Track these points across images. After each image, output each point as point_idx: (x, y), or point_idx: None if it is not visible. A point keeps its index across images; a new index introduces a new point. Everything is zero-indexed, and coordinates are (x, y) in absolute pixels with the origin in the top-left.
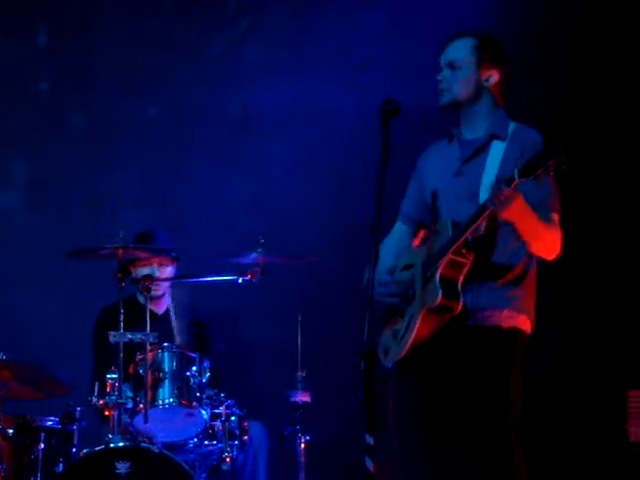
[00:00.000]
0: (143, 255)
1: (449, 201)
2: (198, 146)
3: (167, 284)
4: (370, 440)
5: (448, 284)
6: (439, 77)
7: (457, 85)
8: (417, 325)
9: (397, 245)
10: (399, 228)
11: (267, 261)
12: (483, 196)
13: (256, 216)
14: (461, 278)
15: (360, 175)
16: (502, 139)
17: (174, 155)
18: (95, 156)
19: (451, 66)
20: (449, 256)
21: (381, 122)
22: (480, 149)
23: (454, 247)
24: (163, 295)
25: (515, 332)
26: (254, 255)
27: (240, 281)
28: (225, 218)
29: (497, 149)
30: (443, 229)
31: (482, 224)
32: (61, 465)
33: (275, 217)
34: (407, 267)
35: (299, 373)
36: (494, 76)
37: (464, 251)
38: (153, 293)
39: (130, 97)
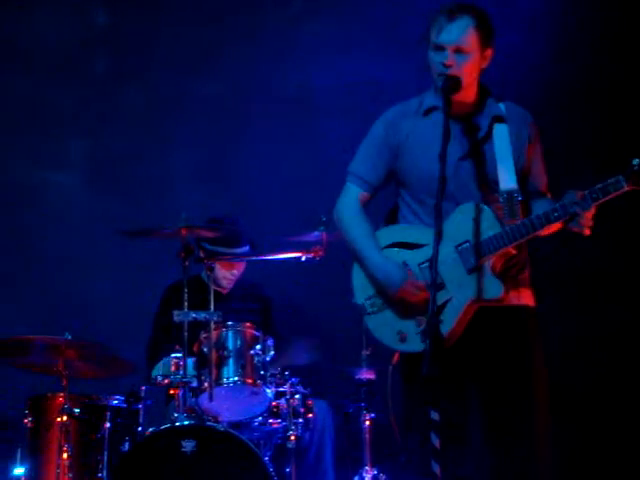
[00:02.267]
0: (209, 235)
1: (459, 184)
2: (257, 124)
3: (235, 277)
4: (435, 416)
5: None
6: (447, 61)
7: (465, 69)
8: (461, 313)
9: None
10: (356, 193)
11: (330, 239)
12: (503, 183)
13: (317, 194)
14: (501, 266)
15: None
16: (503, 121)
17: (233, 133)
18: (154, 134)
19: (457, 51)
20: (508, 249)
21: (442, 98)
22: (486, 131)
23: (517, 242)
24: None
25: (534, 308)
26: (317, 233)
27: (303, 259)
28: (286, 196)
29: (501, 131)
30: (467, 213)
31: None
32: (127, 444)
33: (336, 195)
34: (403, 245)
35: (364, 351)
36: (490, 56)
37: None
38: (225, 284)
39: (188, 75)
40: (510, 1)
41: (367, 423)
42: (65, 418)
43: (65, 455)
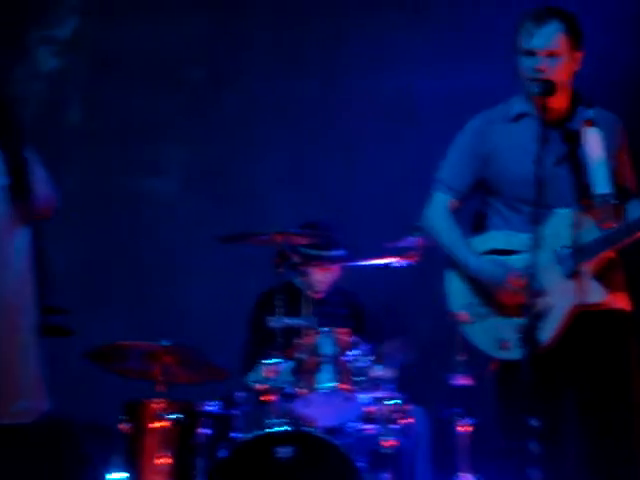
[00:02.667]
0: (303, 241)
1: (554, 190)
2: (354, 131)
3: (329, 281)
4: (534, 422)
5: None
6: (540, 66)
7: (557, 72)
8: (563, 319)
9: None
10: (445, 201)
11: (426, 244)
12: (597, 187)
13: (412, 199)
14: (598, 270)
15: None
16: (594, 125)
17: (330, 139)
18: (250, 141)
19: (550, 55)
20: (606, 253)
21: (537, 103)
22: (577, 136)
23: (616, 246)
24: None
25: (630, 312)
26: (412, 238)
27: (398, 265)
28: (381, 202)
29: (593, 136)
30: (563, 218)
31: None
32: (223, 450)
33: None
34: (499, 252)
35: (459, 357)
36: (580, 58)
37: None
38: (320, 288)
39: (285, 82)
40: (598, 2)
41: (463, 429)
42: (162, 424)
43: (161, 461)
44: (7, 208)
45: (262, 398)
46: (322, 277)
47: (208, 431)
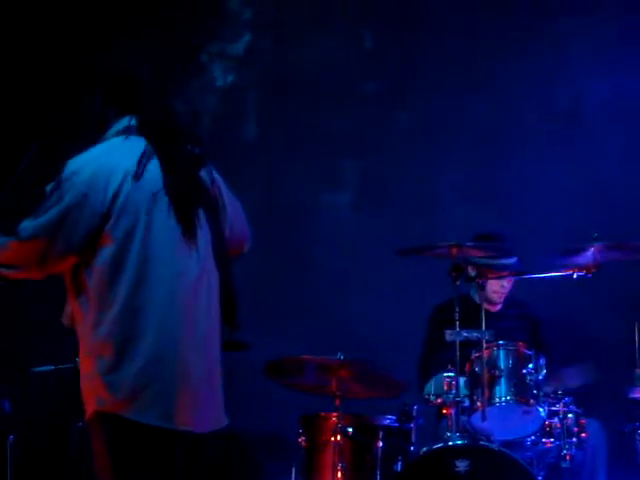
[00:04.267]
0: (478, 254)
1: None
2: (528, 141)
3: (505, 292)
4: None
5: None
6: None
7: None
8: None
9: None
10: None
11: (602, 257)
12: None
13: (589, 210)
14: None
15: None
16: None
17: (504, 151)
18: (424, 154)
19: None
20: None
21: None
22: None
23: None
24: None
25: None
26: (589, 251)
27: (575, 277)
28: (557, 213)
29: None
30: None
31: None
32: (400, 463)
33: (608, 211)
34: None
35: (637, 370)
36: None
37: None
38: (496, 299)
39: (455, 95)
40: None
41: None
42: (339, 437)
43: (339, 474)
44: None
45: (439, 411)
46: (498, 287)
47: (384, 445)
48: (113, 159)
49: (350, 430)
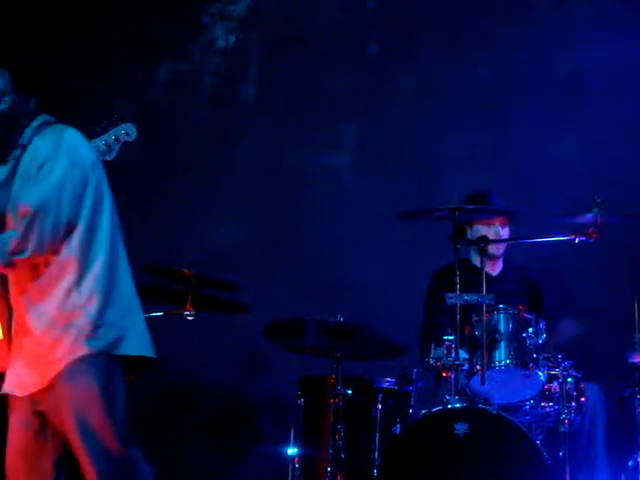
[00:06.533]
0: (480, 216)
1: None
2: (526, 106)
3: (502, 252)
4: None
5: None
6: None
7: None
8: None
9: None
10: None
11: (604, 220)
12: None
13: (591, 175)
14: None
15: None
16: None
17: (503, 116)
18: (423, 118)
19: None
20: None
21: None
22: None
23: None
24: (500, 256)
25: None
26: (591, 215)
27: (577, 241)
28: (558, 178)
29: None
30: None
31: None
32: (398, 426)
33: (608, 175)
34: None
35: (637, 334)
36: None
37: None
38: (494, 252)
39: (457, 59)
40: None
41: None
42: (338, 400)
43: (338, 436)
44: None
45: (438, 375)
46: (491, 232)
47: (384, 407)
48: None
49: (349, 392)
